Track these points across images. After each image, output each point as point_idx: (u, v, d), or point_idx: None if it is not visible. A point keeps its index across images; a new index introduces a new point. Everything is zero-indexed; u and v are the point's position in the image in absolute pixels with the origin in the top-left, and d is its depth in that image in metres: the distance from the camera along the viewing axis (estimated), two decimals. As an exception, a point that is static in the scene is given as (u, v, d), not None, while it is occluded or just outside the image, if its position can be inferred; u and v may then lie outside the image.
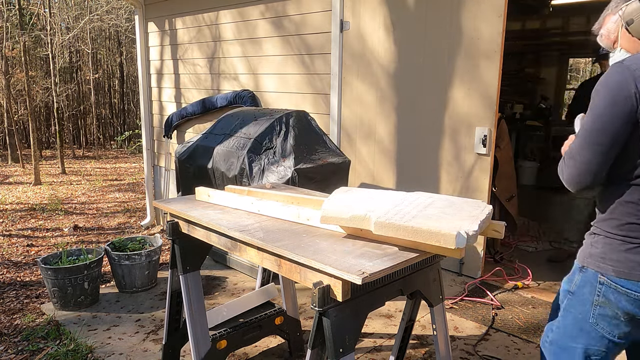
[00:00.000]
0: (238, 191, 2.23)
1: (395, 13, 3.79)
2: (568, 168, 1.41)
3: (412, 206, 1.64)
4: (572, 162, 1.40)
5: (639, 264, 1.34)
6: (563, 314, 1.54)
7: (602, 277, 1.40)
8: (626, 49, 1.47)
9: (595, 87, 1.38)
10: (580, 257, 1.50)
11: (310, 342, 1.52)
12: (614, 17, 1.50)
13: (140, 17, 6.04)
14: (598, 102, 1.36)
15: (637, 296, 1.34)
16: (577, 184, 1.40)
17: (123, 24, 16.14)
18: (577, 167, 1.39)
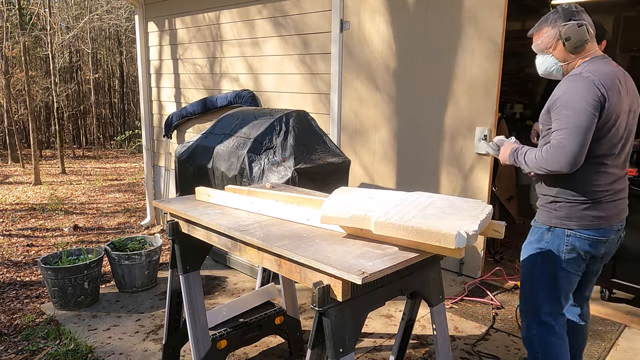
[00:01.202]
0: (238, 191, 2.23)
1: (395, 13, 3.79)
2: (562, 155, 1.76)
3: (412, 206, 1.64)
4: (564, 150, 1.76)
5: (594, 217, 1.87)
6: (540, 268, 1.97)
7: (568, 231, 1.89)
8: (557, 57, 1.93)
9: (567, 91, 1.79)
10: (545, 221, 1.95)
11: (310, 342, 1.52)
12: (552, 31, 1.90)
13: (140, 16, 6.04)
14: (577, 102, 1.75)
15: (594, 239, 1.89)
16: (573, 165, 1.76)
17: (123, 24, 16.13)
18: (573, 151, 1.75)
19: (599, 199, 1.86)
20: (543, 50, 1.95)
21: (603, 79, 1.78)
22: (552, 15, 1.91)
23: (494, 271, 3.79)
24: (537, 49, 1.97)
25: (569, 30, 1.86)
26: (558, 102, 1.81)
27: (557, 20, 1.89)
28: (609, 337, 2.91)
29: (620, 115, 1.82)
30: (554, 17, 1.90)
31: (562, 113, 1.78)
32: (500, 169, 3.97)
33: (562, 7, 1.91)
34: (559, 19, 1.89)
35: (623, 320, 3.12)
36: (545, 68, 1.98)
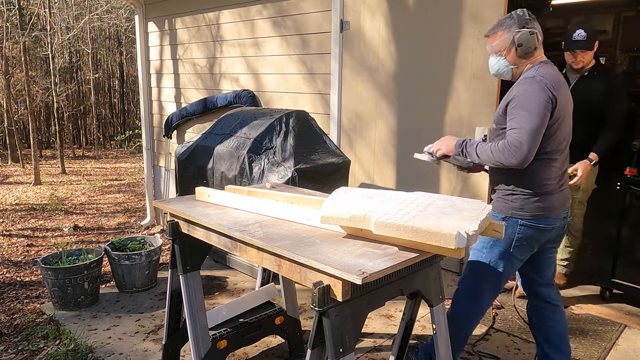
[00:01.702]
0: (238, 191, 2.23)
1: (395, 13, 3.79)
2: (518, 153, 1.89)
3: (412, 206, 1.64)
4: (520, 148, 1.89)
5: (544, 208, 2.06)
6: (489, 250, 2.15)
7: (521, 221, 2.07)
8: (509, 60, 2.09)
9: (523, 94, 1.95)
10: (502, 211, 2.11)
11: (310, 342, 1.51)
12: (507, 35, 2.06)
13: (140, 17, 6.04)
14: (532, 104, 1.92)
15: (543, 228, 2.08)
16: (526, 162, 1.91)
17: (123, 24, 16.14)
18: (529, 150, 1.89)
19: (550, 191, 2.06)
20: (497, 53, 2.10)
21: (554, 83, 1.97)
22: (507, 20, 2.07)
23: (494, 271, 3.79)
24: (491, 51, 2.12)
25: (522, 37, 2.02)
26: (514, 103, 1.97)
27: (512, 26, 2.05)
28: (609, 337, 2.91)
29: (566, 115, 2.04)
30: (509, 23, 2.06)
31: (518, 113, 1.94)
32: (500, 169, 3.97)
33: (517, 14, 2.07)
34: (513, 25, 2.05)
35: (623, 320, 3.12)
36: (497, 69, 2.13)
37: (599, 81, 3.07)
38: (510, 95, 2.02)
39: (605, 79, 3.09)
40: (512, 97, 1.99)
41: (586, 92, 3.01)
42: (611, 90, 3.06)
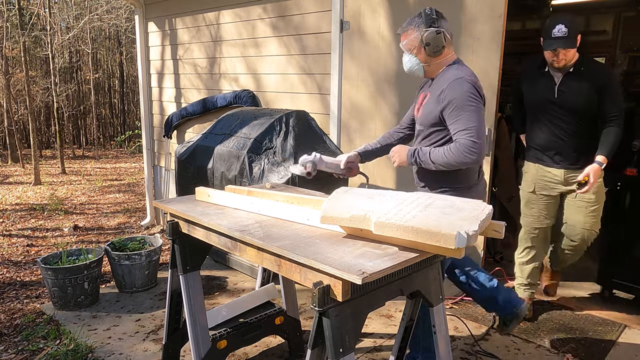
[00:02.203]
0: (238, 191, 2.23)
1: (396, 13, 3.79)
2: (476, 150, 1.96)
3: (412, 206, 1.64)
4: (476, 146, 1.96)
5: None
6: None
7: None
8: (419, 59, 2.16)
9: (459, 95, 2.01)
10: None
11: (310, 342, 1.51)
12: (416, 33, 2.13)
13: (140, 17, 6.04)
14: (471, 104, 2.00)
15: None
16: (483, 156, 2.01)
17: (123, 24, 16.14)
18: (482, 144, 1.98)
19: (476, 183, 2.21)
20: (409, 50, 2.17)
21: (479, 82, 2.07)
22: (417, 19, 2.14)
23: (494, 271, 3.79)
24: (404, 49, 2.19)
25: (429, 37, 2.09)
26: (452, 106, 2.01)
27: (420, 25, 2.12)
28: (609, 337, 2.91)
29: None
30: (418, 21, 2.13)
31: (461, 114, 1.99)
32: (501, 169, 3.97)
33: (425, 13, 2.13)
34: (421, 24, 2.12)
35: (623, 321, 3.12)
36: (410, 67, 2.21)
37: (587, 77, 2.79)
38: (444, 100, 2.05)
39: (593, 74, 2.79)
40: (449, 101, 2.02)
41: (574, 90, 2.80)
42: (603, 85, 2.78)
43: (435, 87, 2.14)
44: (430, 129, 2.15)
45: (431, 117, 2.13)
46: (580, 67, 2.81)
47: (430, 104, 2.14)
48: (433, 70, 2.18)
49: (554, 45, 2.70)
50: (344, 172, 2.34)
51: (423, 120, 2.17)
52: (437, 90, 2.11)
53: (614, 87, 2.83)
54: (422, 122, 2.18)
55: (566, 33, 2.65)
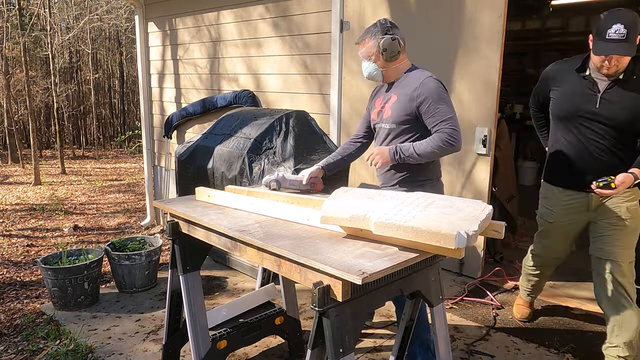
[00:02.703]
0: (238, 191, 2.23)
1: (395, 13, 3.79)
2: (458, 138, 2.15)
3: (412, 206, 1.64)
4: (458, 134, 2.14)
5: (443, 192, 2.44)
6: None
7: None
8: (377, 64, 2.30)
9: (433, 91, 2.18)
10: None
11: (310, 342, 1.52)
12: (373, 41, 2.27)
13: (140, 17, 6.04)
14: (445, 98, 2.19)
15: None
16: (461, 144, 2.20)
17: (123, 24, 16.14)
18: (460, 133, 2.17)
19: (440, 174, 2.45)
20: (367, 57, 2.31)
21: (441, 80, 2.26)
22: (373, 29, 2.28)
23: (494, 271, 3.79)
24: (362, 56, 2.33)
25: (386, 43, 2.25)
26: (429, 101, 2.18)
27: (377, 34, 2.27)
28: (609, 337, 2.91)
29: None
30: (374, 31, 2.28)
31: (439, 107, 2.17)
32: (501, 169, 3.97)
33: (380, 22, 2.29)
34: (378, 33, 2.26)
35: (623, 321, 3.11)
36: (369, 72, 2.34)
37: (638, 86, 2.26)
38: (420, 96, 2.20)
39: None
40: (425, 97, 2.19)
41: (621, 102, 2.27)
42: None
43: (402, 88, 2.29)
44: (402, 126, 2.28)
45: (404, 114, 2.26)
46: (633, 74, 2.28)
47: (401, 103, 2.27)
48: (390, 74, 2.34)
49: (608, 49, 2.16)
50: (308, 187, 2.33)
51: (395, 119, 2.29)
52: (406, 90, 2.26)
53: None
54: (394, 121, 2.30)
55: (625, 35, 2.12)
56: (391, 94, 2.35)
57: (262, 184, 2.30)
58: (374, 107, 2.45)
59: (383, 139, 2.38)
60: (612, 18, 2.15)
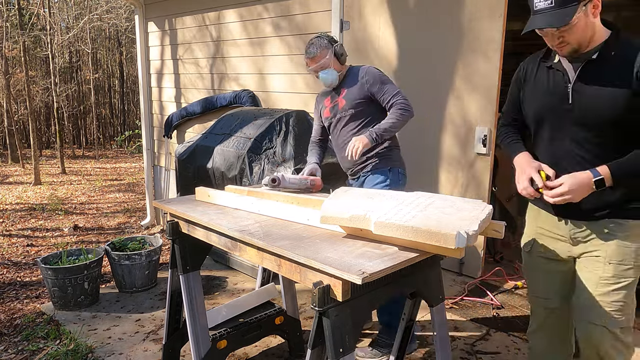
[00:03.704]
0: (238, 191, 2.23)
1: (395, 13, 3.79)
2: (411, 107, 2.51)
3: (412, 206, 1.64)
4: (409, 102, 2.51)
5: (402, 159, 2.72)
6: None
7: (401, 169, 2.67)
8: (336, 69, 2.60)
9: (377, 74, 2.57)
10: (387, 165, 2.61)
11: (310, 342, 1.51)
12: (329, 51, 2.57)
13: (140, 17, 6.04)
14: (386, 76, 2.59)
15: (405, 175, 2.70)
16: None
17: (123, 24, 16.14)
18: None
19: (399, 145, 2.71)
20: (325, 68, 2.58)
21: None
22: (319, 42, 2.58)
23: (494, 271, 3.79)
24: (318, 69, 2.58)
25: (340, 49, 2.61)
26: (377, 81, 2.54)
27: (327, 45, 2.58)
28: (609, 337, 2.91)
29: None
30: (322, 44, 2.58)
31: (386, 86, 2.53)
32: (501, 169, 3.97)
33: (322, 36, 2.61)
34: (328, 44, 2.58)
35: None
36: (332, 80, 2.60)
37: (620, 66, 1.60)
38: (369, 82, 2.54)
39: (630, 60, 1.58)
40: (374, 80, 2.54)
41: (598, 90, 1.62)
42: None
43: (349, 82, 2.62)
44: (358, 109, 2.57)
45: (358, 99, 2.57)
46: (611, 50, 1.62)
47: (352, 92, 2.58)
48: (341, 76, 2.65)
49: (535, 23, 1.60)
50: (307, 187, 2.34)
51: (349, 105, 2.59)
52: (354, 81, 2.59)
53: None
54: (350, 107, 2.58)
55: (552, 2, 1.54)
56: (340, 89, 2.65)
57: (262, 184, 2.31)
58: (324, 107, 2.73)
59: (343, 125, 2.64)
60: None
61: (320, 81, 2.65)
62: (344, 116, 2.62)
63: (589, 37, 1.61)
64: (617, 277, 1.70)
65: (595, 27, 1.62)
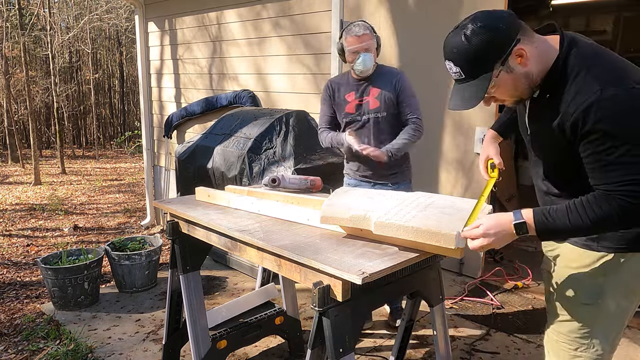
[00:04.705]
0: (238, 191, 2.23)
1: (395, 14, 3.79)
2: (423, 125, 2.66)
3: (412, 206, 1.64)
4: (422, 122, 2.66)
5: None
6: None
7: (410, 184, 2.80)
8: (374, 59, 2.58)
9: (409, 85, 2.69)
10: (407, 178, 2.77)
11: (310, 342, 1.51)
12: (372, 38, 2.54)
13: (140, 17, 6.04)
14: (413, 90, 2.68)
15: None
16: None
17: (123, 24, 16.14)
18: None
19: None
20: (367, 50, 2.51)
21: None
22: (365, 25, 2.53)
23: (494, 271, 3.80)
24: (363, 50, 2.50)
25: (379, 40, 2.59)
26: (408, 93, 2.60)
27: (372, 31, 2.54)
28: (609, 337, 2.91)
29: None
30: (370, 28, 2.54)
31: (414, 100, 2.61)
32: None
33: (367, 23, 2.53)
34: (372, 30, 2.54)
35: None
36: (369, 66, 2.53)
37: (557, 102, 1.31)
38: (398, 88, 2.56)
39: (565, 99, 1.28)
40: (402, 89, 2.57)
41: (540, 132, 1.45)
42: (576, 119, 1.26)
43: (381, 81, 2.58)
44: (391, 111, 2.60)
45: (391, 103, 2.59)
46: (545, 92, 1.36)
47: (387, 95, 2.57)
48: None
49: (450, 100, 1.43)
50: (308, 186, 2.30)
51: (384, 108, 2.59)
52: (386, 83, 2.58)
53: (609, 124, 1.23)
54: (384, 109, 2.59)
55: (459, 73, 1.41)
56: (370, 87, 2.60)
57: (262, 184, 2.31)
58: (346, 101, 2.66)
59: (373, 126, 2.61)
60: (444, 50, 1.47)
61: (357, 65, 2.53)
62: (374, 118, 2.60)
63: (526, 86, 1.35)
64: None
65: (532, 74, 1.32)
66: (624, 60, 1.30)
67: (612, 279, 1.41)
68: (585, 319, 1.46)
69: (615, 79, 1.21)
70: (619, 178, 1.22)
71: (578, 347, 1.48)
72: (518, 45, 1.28)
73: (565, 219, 1.28)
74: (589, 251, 1.43)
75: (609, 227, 1.28)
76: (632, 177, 1.20)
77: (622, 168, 1.21)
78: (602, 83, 1.21)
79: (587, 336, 1.46)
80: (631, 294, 1.44)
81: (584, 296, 1.45)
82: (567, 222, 1.28)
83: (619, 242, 1.38)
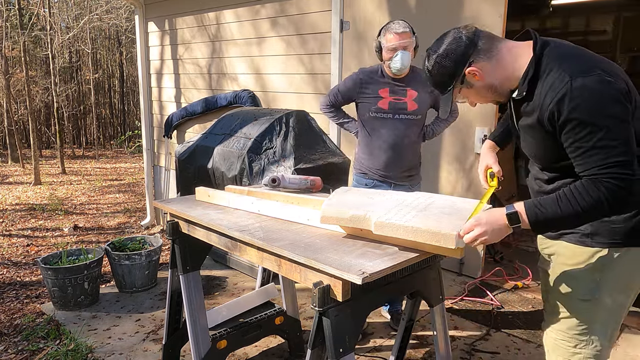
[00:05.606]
0: (238, 191, 2.23)
1: (395, 13, 3.79)
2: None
3: (412, 206, 1.64)
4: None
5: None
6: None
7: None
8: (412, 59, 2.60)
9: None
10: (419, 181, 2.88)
11: (310, 342, 1.51)
12: (412, 37, 2.52)
13: (140, 17, 6.04)
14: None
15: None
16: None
17: (123, 24, 16.14)
18: None
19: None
20: (407, 49, 2.50)
21: None
22: (408, 25, 2.51)
23: (494, 271, 3.80)
24: (402, 47, 2.48)
25: (417, 42, 2.54)
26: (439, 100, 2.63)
27: (412, 32, 2.52)
28: (609, 337, 2.91)
29: None
30: (410, 27, 2.52)
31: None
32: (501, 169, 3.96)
33: (409, 24, 2.51)
34: (411, 31, 2.52)
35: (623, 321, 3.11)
36: (407, 64, 2.53)
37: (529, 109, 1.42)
38: (435, 93, 2.55)
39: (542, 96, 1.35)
40: (437, 97, 2.60)
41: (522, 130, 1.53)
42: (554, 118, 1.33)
43: (418, 84, 2.61)
44: (424, 116, 2.72)
45: (427, 107, 2.70)
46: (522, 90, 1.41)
47: (425, 99, 2.65)
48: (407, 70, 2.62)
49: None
50: (308, 186, 2.30)
51: (422, 111, 2.68)
52: (423, 86, 2.60)
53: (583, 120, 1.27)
54: (420, 112, 2.68)
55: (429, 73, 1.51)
56: (407, 89, 2.63)
57: (262, 184, 2.31)
58: (379, 97, 2.67)
59: (405, 126, 2.68)
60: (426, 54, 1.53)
61: (394, 63, 2.50)
62: (410, 119, 2.67)
63: (492, 93, 1.47)
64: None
65: (493, 84, 1.44)
66: (596, 55, 1.36)
67: (608, 274, 1.44)
68: (583, 315, 1.49)
69: (584, 70, 1.28)
70: (602, 162, 1.26)
71: (577, 344, 1.51)
72: (471, 67, 1.42)
73: (556, 207, 1.31)
74: (583, 247, 1.45)
75: (600, 212, 1.30)
76: (614, 159, 1.25)
77: (602, 152, 1.26)
78: (571, 74, 1.28)
79: (586, 332, 1.50)
80: (627, 288, 1.48)
81: (581, 292, 1.48)
82: (558, 209, 1.31)
83: (612, 237, 1.42)
